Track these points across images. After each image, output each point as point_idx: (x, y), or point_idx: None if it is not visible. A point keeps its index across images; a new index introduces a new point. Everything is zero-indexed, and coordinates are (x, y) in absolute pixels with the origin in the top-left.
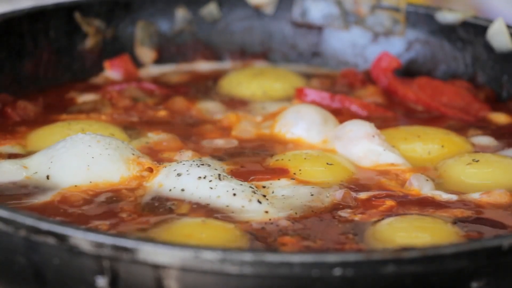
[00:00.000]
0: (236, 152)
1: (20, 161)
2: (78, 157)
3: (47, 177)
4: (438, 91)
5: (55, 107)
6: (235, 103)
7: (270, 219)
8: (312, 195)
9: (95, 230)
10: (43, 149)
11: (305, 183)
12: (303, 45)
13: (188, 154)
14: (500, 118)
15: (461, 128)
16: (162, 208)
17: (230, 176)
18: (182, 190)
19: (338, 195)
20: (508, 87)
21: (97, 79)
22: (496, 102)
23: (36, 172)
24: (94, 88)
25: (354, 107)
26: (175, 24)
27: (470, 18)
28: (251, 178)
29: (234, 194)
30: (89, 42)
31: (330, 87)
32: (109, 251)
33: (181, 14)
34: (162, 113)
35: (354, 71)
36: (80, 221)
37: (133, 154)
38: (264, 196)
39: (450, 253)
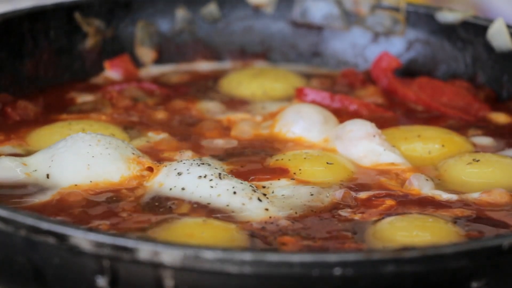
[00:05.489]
0: (236, 152)
1: (20, 159)
2: (78, 156)
3: (47, 176)
4: (438, 91)
5: (55, 107)
6: (235, 103)
7: (270, 218)
8: (312, 194)
9: (95, 229)
10: (44, 148)
11: (305, 183)
12: (303, 45)
13: (188, 154)
14: (500, 118)
15: (461, 128)
16: (163, 207)
17: (230, 175)
18: (183, 189)
19: (338, 194)
20: (508, 87)
21: (97, 79)
22: (496, 102)
23: (35, 170)
24: (94, 88)
25: (354, 107)
26: (175, 24)
27: (470, 18)
28: (251, 178)
29: (235, 193)
30: (89, 42)
31: (330, 87)
32: (109, 251)
33: (181, 14)
34: (162, 113)
35: (354, 71)
36: (80, 221)
37: (133, 154)
38: (264, 195)
39: (450, 253)
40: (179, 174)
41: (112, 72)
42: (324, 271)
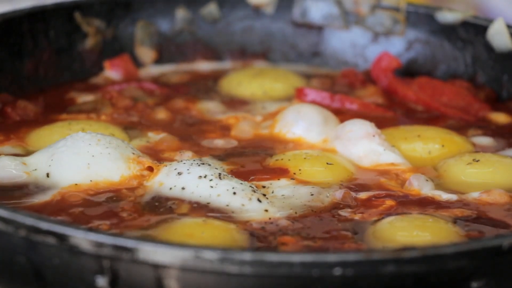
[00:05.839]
0: (236, 152)
1: (20, 158)
2: (78, 156)
3: (47, 175)
4: (438, 91)
5: (55, 107)
6: (235, 103)
7: (270, 218)
8: (312, 195)
9: (95, 230)
10: (44, 148)
11: (305, 183)
12: (303, 45)
13: (188, 154)
14: (500, 118)
15: (461, 128)
16: (163, 207)
17: (230, 175)
18: (183, 189)
19: (338, 195)
20: (508, 87)
21: (97, 79)
22: (496, 102)
23: (35, 169)
24: (94, 88)
25: (354, 107)
26: (175, 24)
27: (470, 18)
28: (251, 178)
29: (234, 193)
30: (89, 42)
31: (330, 87)
32: (109, 251)
33: (181, 14)
34: (162, 113)
35: (354, 71)
36: (80, 221)
37: (133, 153)
38: (264, 195)
39: (450, 253)
40: (179, 174)
41: (112, 72)
42: (324, 271)
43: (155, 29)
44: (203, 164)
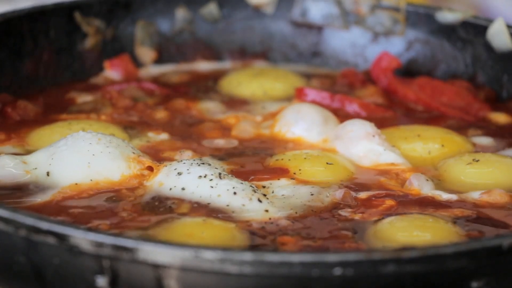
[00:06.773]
0: (236, 152)
1: (20, 157)
2: (79, 154)
3: (47, 174)
4: (438, 91)
5: (55, 107)
6: (235, 103)
7: (270, 218)
8: (312, 194)
9: (95, 229)
10: (44, 147)
11: (305, 182)
12: (303, 45)
13: (188, 154)
14: (500, 118)
15: (461, 128)
16: (163, 207)
17: (230, 175)
18: (183, 189)
19: (338, 194)
20: (508, 87)
21: (97, 79)
22: (496, 102)
23: (36, 168)
24: (94, 88)
25: (354, 107)
26: (175, 24)
27: (470, 18)
28: (251, 178)
29: (235, 193)
30: (89, 42)
31: (330, 87)
32: (109, 251)
33: (181, 14)
34: (162, 113)
35: (354, 71)
36: (80, 221)
37: (133, 153)
38: (265, 195)
39: (450, 253)
40: (179, 174)
41: (112, 72)
42: (324, 271)
43: (155, 29)
44: (203, 164)
